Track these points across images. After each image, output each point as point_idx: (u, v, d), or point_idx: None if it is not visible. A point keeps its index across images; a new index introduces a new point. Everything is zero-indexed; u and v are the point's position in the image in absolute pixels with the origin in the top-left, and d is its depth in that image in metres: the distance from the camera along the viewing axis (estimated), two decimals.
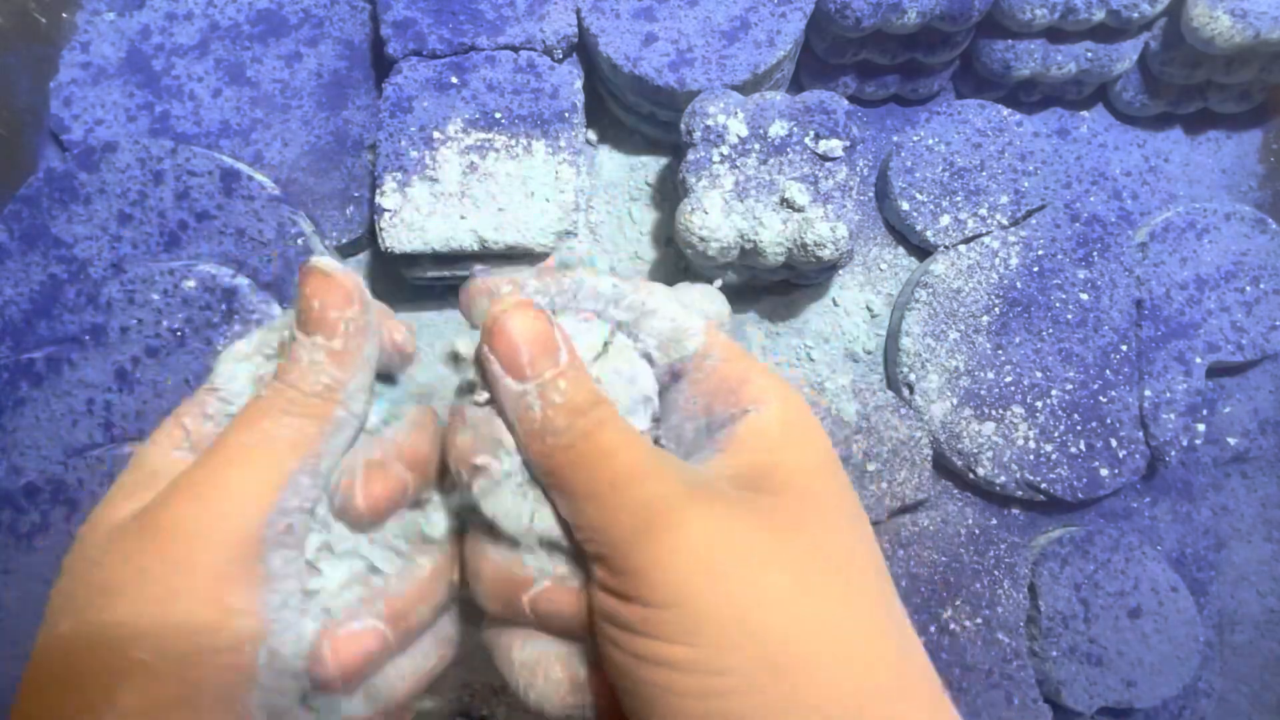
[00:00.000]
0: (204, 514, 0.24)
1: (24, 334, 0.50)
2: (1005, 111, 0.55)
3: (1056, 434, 0.51)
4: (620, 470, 0.24)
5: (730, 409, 0.27)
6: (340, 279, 0.27)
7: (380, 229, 0.50)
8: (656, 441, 0.29)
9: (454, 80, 0.52)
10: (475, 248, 0.50)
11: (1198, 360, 0.52)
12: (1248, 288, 0.53)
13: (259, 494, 0.25)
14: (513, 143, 0.51)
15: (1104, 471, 0.50)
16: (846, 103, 0.50)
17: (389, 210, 0.50)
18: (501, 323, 0.26)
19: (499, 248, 0.50)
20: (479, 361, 0.27)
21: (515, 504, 0.26)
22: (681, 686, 0.22)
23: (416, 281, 0.54)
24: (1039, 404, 0.51)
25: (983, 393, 0.51)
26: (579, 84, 0.53)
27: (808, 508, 0.25)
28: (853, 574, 0.24)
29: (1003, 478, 0.51)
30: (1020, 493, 0.51)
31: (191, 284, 0.50)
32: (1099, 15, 0.52)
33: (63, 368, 0.49)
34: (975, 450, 0.51)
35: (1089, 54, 0.55)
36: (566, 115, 0.52)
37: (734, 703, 0.22)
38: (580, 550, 0.25)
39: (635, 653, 0.23)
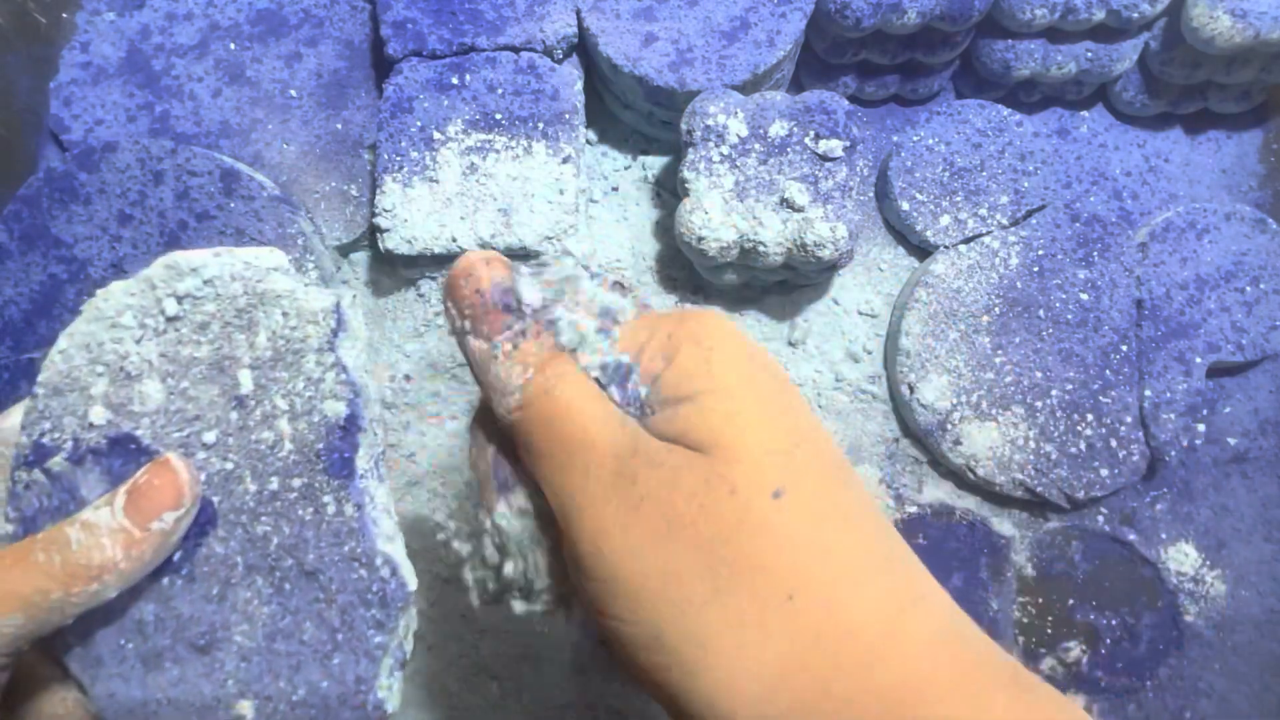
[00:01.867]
0: None
1: (24, 334, 0.50)
2: (1005, 111, 0.55)
3: (1056, 434, 0.51)
4: (576, 430, 0.24)
5: (679, 392, 0.25)
6: (187, 480, 0.27)
7: (380, 230, 0.50)
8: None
9: (454, 81, 0.52)
10: (475, 249, 0.50)
11: (1198, 360, 0.52)
12: (1248, 288, 0.53)
13: None
14: (513, 144, 0.51)
15: (1104, 471, 0.50)
16: (846, 103, 0.50)
17: (389, 211, 0.50)
18: (465, 269, 0.26)
19: (499, 249, 0.50)
20: (446, 312, 0.27)
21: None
22: (644, 664, 0.23)
23: (418, 280, 0.54)
24: (1039, 404, 0.51)
25: (983, 393, 0.51)
26: (579, 85, 0.53)
27: (733, 460, 0.23)
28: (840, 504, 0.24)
29: (1002, 478, 0.51)
30: (1020, 493, 0.51)
31: None
32: (1099, 15, 0.52)
33: None
34: (975, 450, 0.51)
35: (1089, 54, 0.55)
36: (567, 116, 0.52)
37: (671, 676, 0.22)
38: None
39: (599, 622, 0.24)
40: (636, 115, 0.57)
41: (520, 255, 0.51)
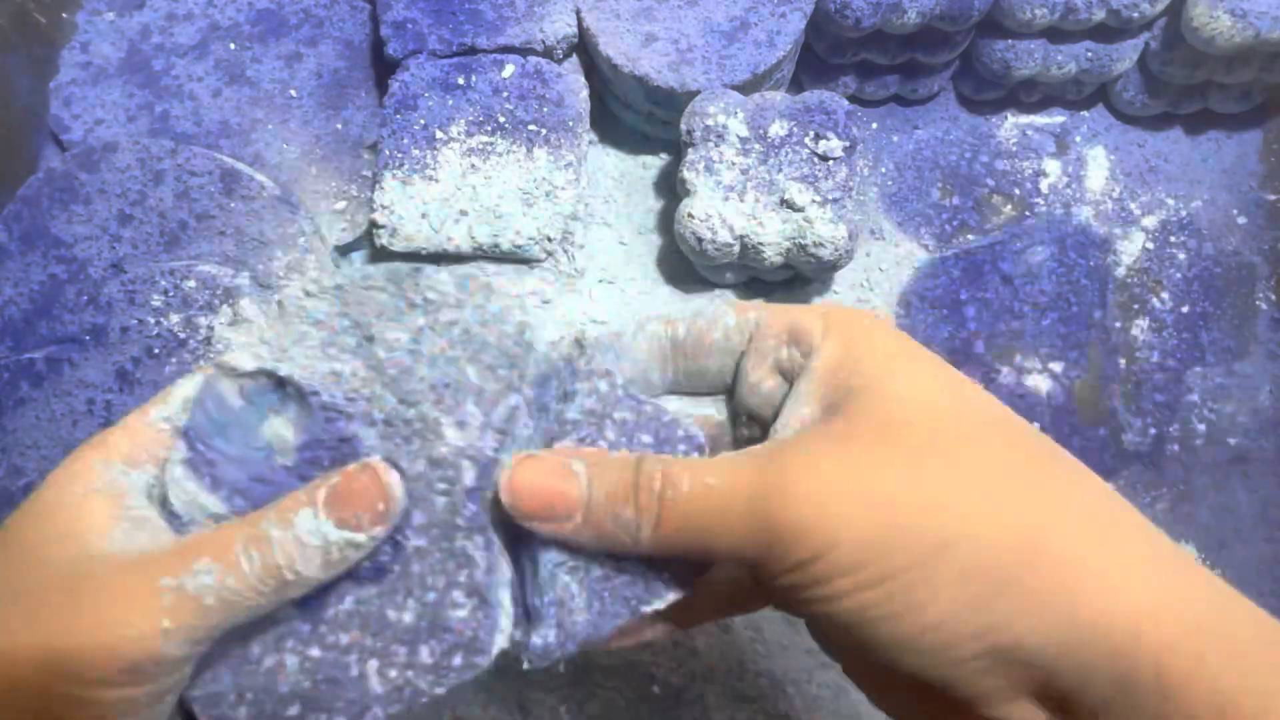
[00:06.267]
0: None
1: (24, 334, 0.50)
2: (1004, 112, 0.55)
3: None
4: (713, 498, 0.25)
5: (797, 363, 0.28)
6: (393, 490, 0.26)
7: (376, 225, 0.50)
8: (745, 436, 0.30)
9: (460, 81, 0.52)
10: (470, 250, 0.50)
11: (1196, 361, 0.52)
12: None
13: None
14: (515, 148, 0.51)
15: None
16: (846, 103, 0.50)
17: (386, 207, 0.50)
18: (515, 483, 0.25)
19: (494, 252, 0.50)
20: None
21: None
22: (875, 599, 0.24)
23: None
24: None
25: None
26: (585, 94, 0.53)
27: (890, 403, 0.26)
28: (967, 438, 0.25)
29: None
30: None
31: (191, 284, 0.50)
32: (1099, 15, 0.52)
33: (63, 368, 0.49)
34: None
35: (1089, 54, 0.55)
36: (571, 124, 0.51)
37: (915, 590, 0.23)
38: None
39: (828, 596, 0.24)
40: (636, 115, 0.57)
41: (514, 259, 0.51)
